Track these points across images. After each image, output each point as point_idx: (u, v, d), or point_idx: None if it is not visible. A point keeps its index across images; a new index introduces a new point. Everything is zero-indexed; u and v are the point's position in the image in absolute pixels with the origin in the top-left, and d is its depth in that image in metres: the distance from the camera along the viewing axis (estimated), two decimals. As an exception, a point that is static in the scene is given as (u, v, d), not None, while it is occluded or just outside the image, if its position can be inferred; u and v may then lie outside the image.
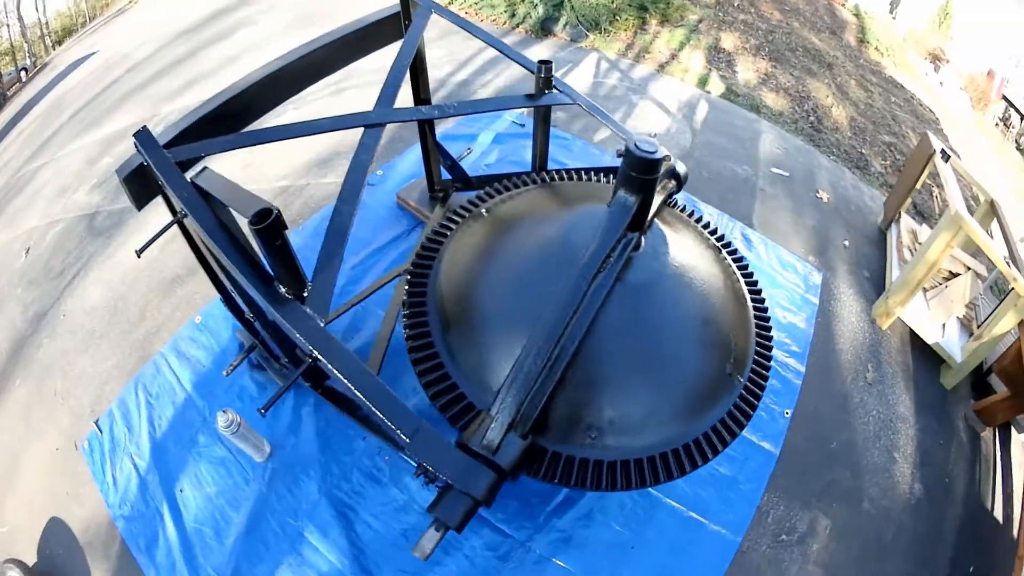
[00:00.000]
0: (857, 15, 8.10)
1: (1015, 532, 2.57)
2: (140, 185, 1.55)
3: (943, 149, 3.12)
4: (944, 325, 3.06)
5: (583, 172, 2.00)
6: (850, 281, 3.37)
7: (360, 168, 1.51)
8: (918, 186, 3.48)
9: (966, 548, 2.51)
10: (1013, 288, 2.52)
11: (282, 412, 2.24)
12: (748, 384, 1.56)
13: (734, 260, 1.86)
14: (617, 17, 5.42)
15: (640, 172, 1.34)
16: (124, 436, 2.22)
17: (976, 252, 3.32)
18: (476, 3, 5.34)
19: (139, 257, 1.47)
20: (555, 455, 1.32)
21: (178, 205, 1.37)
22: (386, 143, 3.43)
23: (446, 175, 2.77)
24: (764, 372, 1.61)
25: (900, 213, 3.70)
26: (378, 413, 1.12)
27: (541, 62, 2.06)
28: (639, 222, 1.43)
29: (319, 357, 1.14)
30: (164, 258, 2.80)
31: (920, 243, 3.41)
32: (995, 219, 3.09)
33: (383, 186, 3.16)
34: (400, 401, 1.15)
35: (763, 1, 6.91)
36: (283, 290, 1.24)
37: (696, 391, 1.48)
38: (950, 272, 3.13)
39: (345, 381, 1.13)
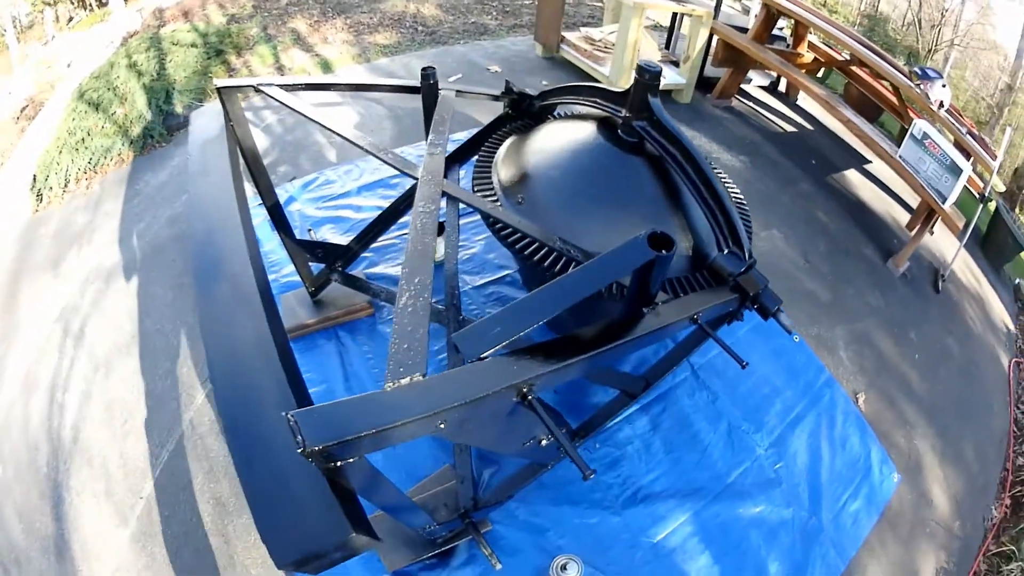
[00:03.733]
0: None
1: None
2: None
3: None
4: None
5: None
6: (568, 97, 4.43)
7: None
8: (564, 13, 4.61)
9: (803, 159, 4.07)
10: (695, 15, 3.87)
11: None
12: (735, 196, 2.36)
13: None
14: (209, 75, 5.05)
15: (655, 80, 1.90)
16: None
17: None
18: (90, 162, 4.22)
19: None
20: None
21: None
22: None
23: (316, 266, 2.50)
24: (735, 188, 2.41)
25: (562, 35, 4.84)
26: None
27: (424, 70, 2.15)
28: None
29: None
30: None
31: (599, 41, 4.63)
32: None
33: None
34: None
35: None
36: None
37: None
38: (634, 42, 4.43)
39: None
